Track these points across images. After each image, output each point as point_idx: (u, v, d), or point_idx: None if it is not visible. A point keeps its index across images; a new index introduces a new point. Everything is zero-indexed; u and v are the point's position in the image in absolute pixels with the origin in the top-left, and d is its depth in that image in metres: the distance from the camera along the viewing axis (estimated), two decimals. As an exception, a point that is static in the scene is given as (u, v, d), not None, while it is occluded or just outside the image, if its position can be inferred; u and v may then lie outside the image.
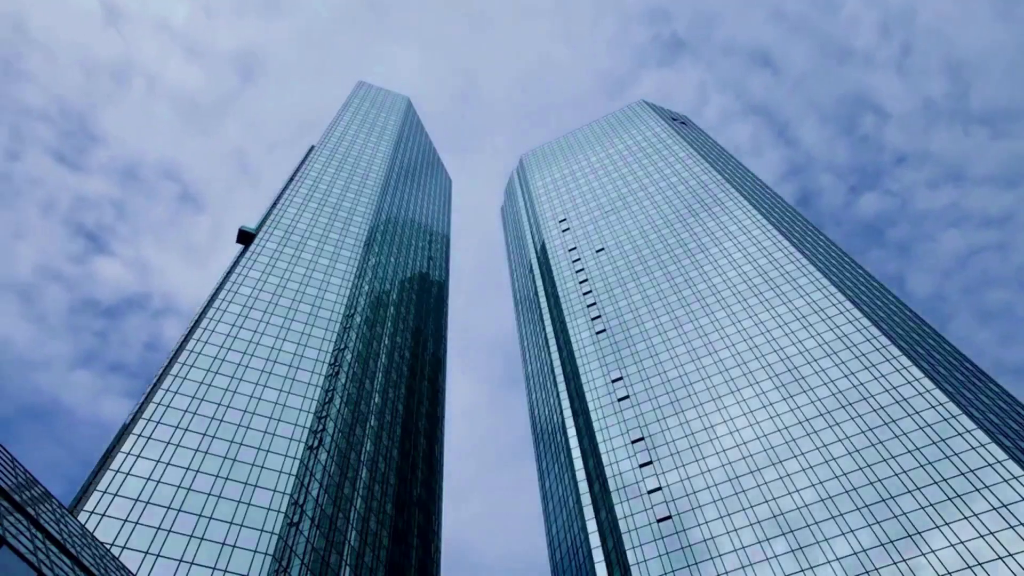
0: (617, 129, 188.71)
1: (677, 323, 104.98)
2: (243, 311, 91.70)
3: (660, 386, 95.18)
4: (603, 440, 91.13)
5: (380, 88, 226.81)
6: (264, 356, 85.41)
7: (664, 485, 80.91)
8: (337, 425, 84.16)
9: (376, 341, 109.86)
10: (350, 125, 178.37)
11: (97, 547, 37.55)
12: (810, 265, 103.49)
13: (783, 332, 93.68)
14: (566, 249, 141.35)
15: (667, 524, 76.32)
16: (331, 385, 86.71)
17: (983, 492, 64.15)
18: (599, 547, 79.69)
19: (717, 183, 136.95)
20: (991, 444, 67.77)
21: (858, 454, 73.37)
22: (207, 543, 60.71)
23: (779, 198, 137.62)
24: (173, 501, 63.15)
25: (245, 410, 76.63)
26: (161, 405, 73.01)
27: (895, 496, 67.61)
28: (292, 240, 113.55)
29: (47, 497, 34.83)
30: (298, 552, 65.13)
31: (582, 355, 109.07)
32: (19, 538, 25.17)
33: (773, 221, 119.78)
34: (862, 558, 64.05)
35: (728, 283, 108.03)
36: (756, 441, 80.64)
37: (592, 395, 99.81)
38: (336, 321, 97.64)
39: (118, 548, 56.96)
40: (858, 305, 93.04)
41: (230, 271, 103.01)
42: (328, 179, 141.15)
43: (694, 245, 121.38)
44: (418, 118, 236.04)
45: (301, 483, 71.20)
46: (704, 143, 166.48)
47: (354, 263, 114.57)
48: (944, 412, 73.00)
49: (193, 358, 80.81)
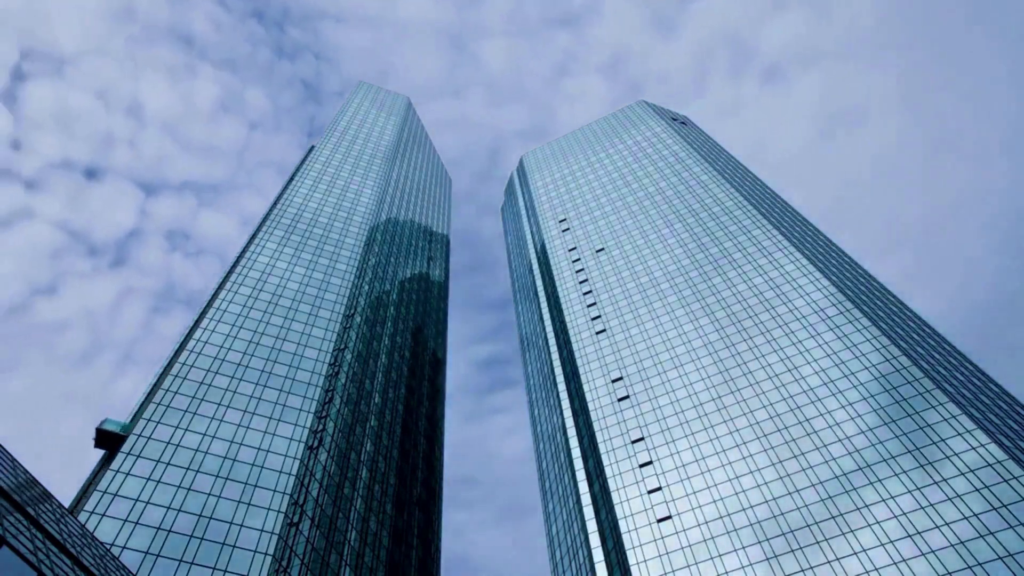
0: (617, 129, 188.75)
1: (677, 323, 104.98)
2: (243, 311, 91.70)
3: (660, 386, 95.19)
4: (603, 440, 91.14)
5: (380, 88, 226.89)
6: (264, 356, 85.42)
7: (664, 485, 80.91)
8: (337, 425, 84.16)
9: (376, 341, 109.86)
10: (350, 125, 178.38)
11: (97, 547, 37.55)
12: (810, 265, 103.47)
13: (783, 332, 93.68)
14: (566, 249, 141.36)
15: (667, 524, 76.32)
16: (331, 385, 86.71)
17: (983, 492, 64.16)
18: (599, 547, 79.69)
19: (717, 183, 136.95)
20: (991, 444, 67.79)
21: (858, 454, 73.38)
22: (207, 543, 60.72)
23: (779, 198, 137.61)
24: (173, 501, 63.16)
25: (245, 410, 76.63)
26: (161, 405, 73.02)
27: (895, 496, 67.62)
28: (292, 240, 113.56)
29: (47, 497, 34.83)
30: (298, 552, 65.14)
31: (582, 355, 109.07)
32: (19, 538, 25.18)
33: (773, 221, 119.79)
34: (861, 557, 64.07)
35: (728, 283, 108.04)
36: (756, 441, 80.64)
37: (592, 395, 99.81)
38: (336, 321, 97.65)
39: (118, 548, 56.96)
40: (858, 305, 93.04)
41: (230, 271, 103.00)
42: (328, 179, 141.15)
43: (694, 245, 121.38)
44: (418, 118, 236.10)
45: (301, 483, 71.20)
46: (704, 143, 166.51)
47: (354, 263, 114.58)
48: (944, 412, 73.01)
49: (193, 358, 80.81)
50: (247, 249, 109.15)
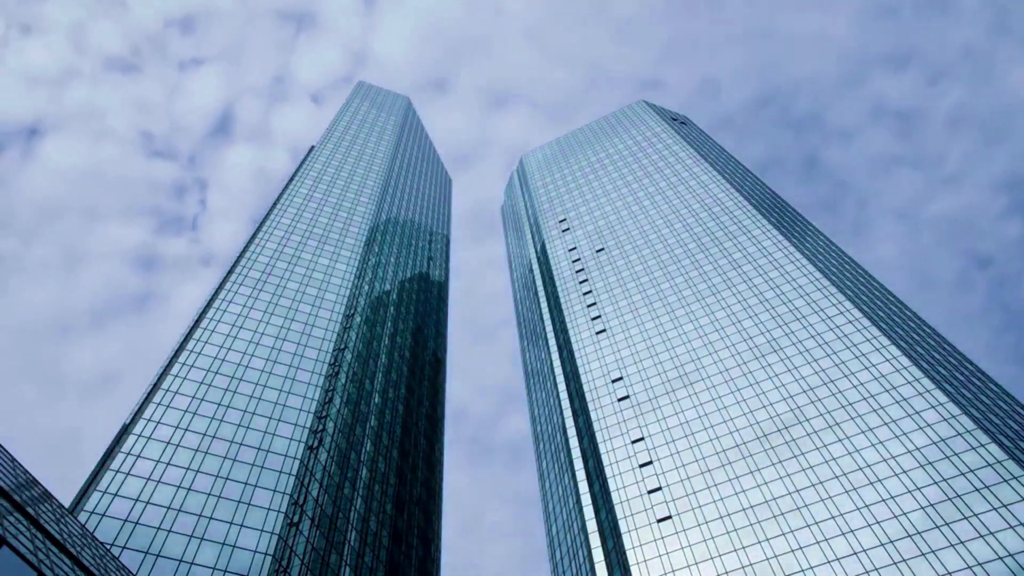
0: (617, 129, 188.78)
1: (677, 323, 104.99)
2: (243, 311, 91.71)
3: (660, 386, 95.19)
4: (603, 440, 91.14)
5: (380, 88, 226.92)
6: (264, 356, 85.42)
7: (664, 485, 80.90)
8: (337, 425, 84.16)
9: (376, 341, 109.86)
10: (350, 125, 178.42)
11: (97, 547, 37.55)
12: (810, 265, 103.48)
13: (783, 332, 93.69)
14: (566, 249, 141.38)
15: (667, 524, 76.32)
16: (331, 385, 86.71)
17: (983, 492, 64.15)
18: (599, 547, 79.68)
19: (717, 183, 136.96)
20: (991, 444, 67.79)
21: (858, 454, 73.36)
22: (207, 543, 60.73)
23: (779, 198, 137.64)
24: (173, 501, 63.17)
25: (245, 410, 76.63)
26: (161, 405, 73.02)
27: (895, 496, 67.61)
28: (292, 240, 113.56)
29: (47, 497, 34.83)
30: (298, 552, 65.14)
31: (582, 355, 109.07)
32: (19, 538, 25.18)
33: (773, 222, 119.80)
34: (862, 558, 64.06)
35: (728, 283, 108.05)
36: (756, 441, 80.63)
37: (592, 395, 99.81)
38: (336, 321, 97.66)
39: (118, 548, 56.96)
40: (858, 306, 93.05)
41: (230, 271, 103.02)
42: (328, 179, 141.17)
43: (694, 245, 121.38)
44: (418, 118, 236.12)
45: (301, 483, 71.21)
46: (704, 143, 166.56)
47: (354, 263, 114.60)
48: (944, 412, 73.02)
49: (193, 358, 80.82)
50: (247, 249, 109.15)
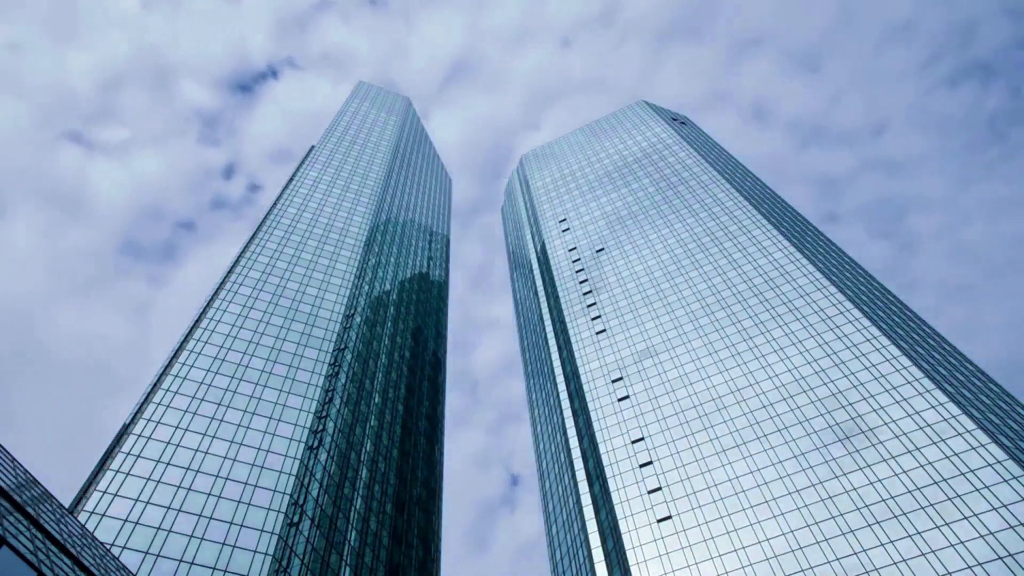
0: (617, 129, 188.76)
1: (677, 323, 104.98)
2: (243, 311, 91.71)
3: (660, 386, 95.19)
4: (603, 440, 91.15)
5: (380, 88, 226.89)
6: (264, 356, 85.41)
7: (664, 485, 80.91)
8: (337, 425, 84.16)
9: (376, 341, 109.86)
10: (350, 125, 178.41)
11: (97, 547, 37.55)
12: (810, 265, 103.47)
13: (783, 332, 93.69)
14: (566, 249, 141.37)
15: (667, 524, 76.33)
16: (331, 385, 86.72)
17: (983, 492, 64.16)
18: (599, 547, 79.69)
19: (716, 182, 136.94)
20: (991, 444, 67.79)
21: (858, 454, 73.37)
22: (207, 543, 60.73)
23: (779, 198, 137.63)
24: (173, 501, 63.17)
25: (245, 410, 76.64)
26: (161, 405, 73.03)
27: (895, 496, 67.62)
28: (292, 240, 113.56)
29: (47, 497, 34.83)
30: (298, 552, 65.14)
31: (582, 355, 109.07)
32: (19, 538, 25.18)
33: (773, 221, 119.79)
34: (862, 558, 64.06)
35: (728, 282, 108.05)
36: (756, 441, 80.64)
37: (592, 395, 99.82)
38: (336, 321, 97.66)
39: (118, 548, 56.96)
40: (858, 306, 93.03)
41: (230, 271, 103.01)
42: (328, 179, 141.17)
43: (694, 245, 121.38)
44: (418, 118, 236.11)
45: (301, 483, 71.22)
46: (704, 143, 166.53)
47: (354, 263, 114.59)
48: (944, 412, 73.03)
49: (193, 358, 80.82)
50: (247, 249, 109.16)
